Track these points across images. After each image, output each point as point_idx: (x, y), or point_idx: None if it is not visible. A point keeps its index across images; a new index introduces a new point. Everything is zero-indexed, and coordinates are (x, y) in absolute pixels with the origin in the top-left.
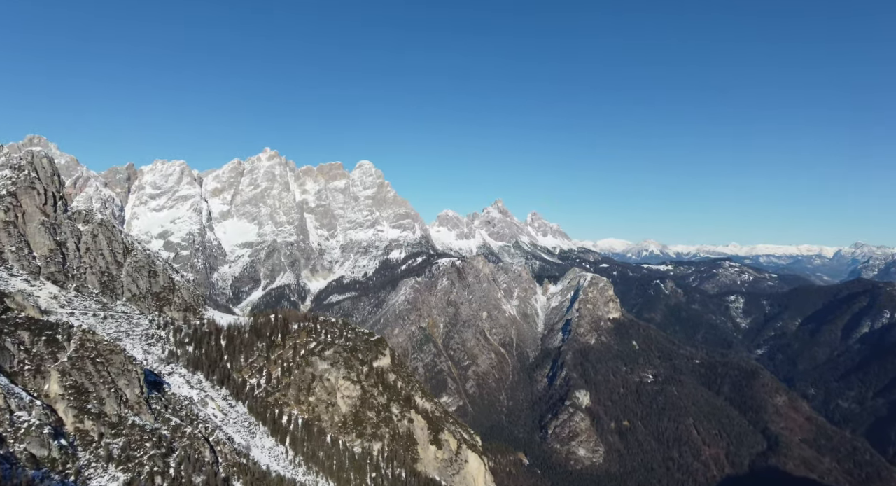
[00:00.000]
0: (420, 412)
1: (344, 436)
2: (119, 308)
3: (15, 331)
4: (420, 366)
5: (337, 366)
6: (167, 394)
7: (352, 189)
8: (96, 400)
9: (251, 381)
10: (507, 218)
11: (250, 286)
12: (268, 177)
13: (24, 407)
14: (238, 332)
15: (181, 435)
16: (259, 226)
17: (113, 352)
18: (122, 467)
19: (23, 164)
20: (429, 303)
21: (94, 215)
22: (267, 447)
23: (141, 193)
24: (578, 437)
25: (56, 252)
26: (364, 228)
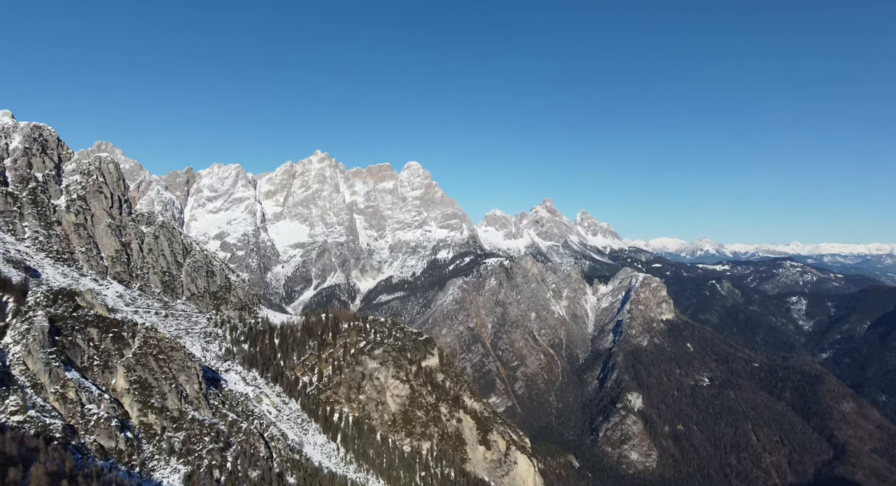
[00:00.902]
0: (469, 413)
1: (393, 435)
2: (179, 307)
3: (85, 328)
4: (468, 366)
5: (386, 365)
6: (224, 390)
7: (400, 190)
8: (159, 395)
9: (303, 379)
10: (555, 217)
11: (302, 286)
12: (318, 179)
13: (93, 400)
14: (291, 331)
15: (237, 430)
16: (310, 227)
17: (174, 349)
18: (183, 460)
19: (91, 169)
20: (477, 303)
21: (156, 218)
22: (319, 443)
23: (199, 195)
24: (631, 440)
25: (121, 253)
26: (412, 229)
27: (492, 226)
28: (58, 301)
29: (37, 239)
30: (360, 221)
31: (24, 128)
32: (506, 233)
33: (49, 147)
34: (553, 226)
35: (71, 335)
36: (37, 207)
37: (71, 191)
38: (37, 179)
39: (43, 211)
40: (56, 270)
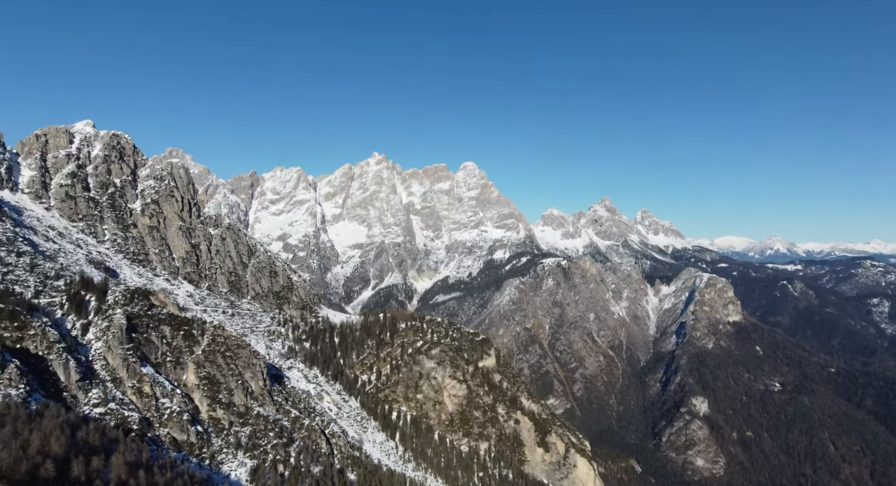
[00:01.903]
0: (526, 414)
1: (451, 434)
2: (244, 306)
3: (158, 326)
4: (525, 367)
5: (443, 365)
6: (287, 387)
7: (456, 190)
8: (226, 391)
9: (362, 377)
10: (614, 216)
11: (361, 286)
12: (376, 180)
13: (166, 395)
14: (350, 330)
15: (300, 427)
16: (368, 228)
17: (240, 347)
18: (249, 454)
19: (164, 174)
20: (534, 303)
21: (223, 220)
22: (378, 441)
23: (262, 198)
24: (696, 446)
25: (191, 254)
26: (468, 229)
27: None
28: (134, 300)
29: (115, 241)
30: (417, 221)
31: (103, 136)
32: (563, 233)
33: (126, 154)
34: (612, 225)
35: (146, 333)
36: (115, 211)
37: (145, 195)
38: (115, 184)
39: (120, 215)
40: (132, 270)
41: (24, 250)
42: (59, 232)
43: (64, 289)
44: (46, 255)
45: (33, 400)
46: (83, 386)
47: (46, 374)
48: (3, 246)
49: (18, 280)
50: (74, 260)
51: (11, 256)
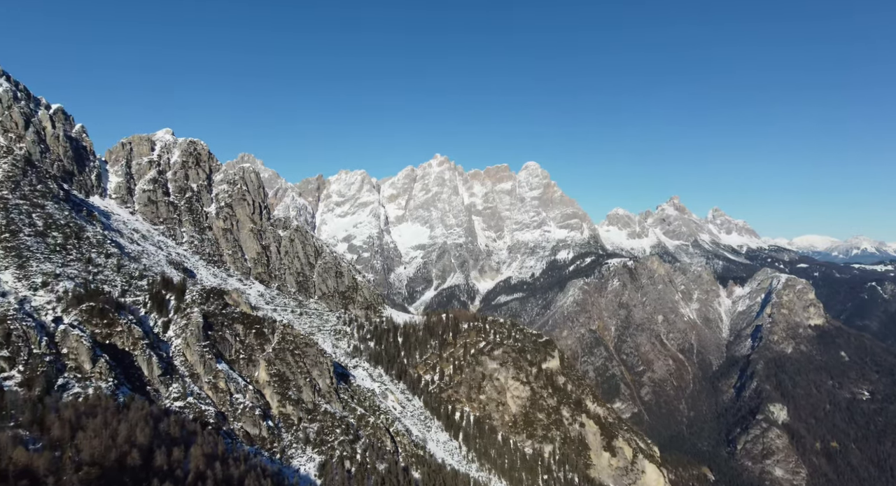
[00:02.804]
0: (592, 417)
1: (514, 436)
2: (312, 306)
3: (232, 324)
4: (590, 370)
5: (506, 366)
6: (353, 385)
7: (518, 190)
8: (295, 388)
9: (425, 377)
10: (684, 215)
11: (423, 286)
12: (438, 182)
13: (240, 391)
14: (413, 330)
15: (365, 424)
16: (430, 229)
17: (308, 345)
18: (318, 449)
19: (236, 179)
20: (598, 305)
21: (291, 222)
22: (441, 441)
23: (328, 200)
24: (774, 455)
25: (262, 255)
26: (530, 229)
27: (614, 225)
28: (210, 299)
29: (192, 243)
30: (479, 222)
31: (181, 143)
32: (629, 232)
33: (202, 160)
34: (681, 224)
35: (221, 330)
36: (192, 214)
37: (219, 199)
38: (192, 189)
39: (197, 218)
40: (208, 270)
41: (111, 251)
42: (142, 235)
43: (147, 288)
44: (131, 256)
45: (121, 393)
46: (164, 381)
47: (132, 368)
48: (93, 248)
49: (107, 280)
50: (156, 261)
51: (101, 257)
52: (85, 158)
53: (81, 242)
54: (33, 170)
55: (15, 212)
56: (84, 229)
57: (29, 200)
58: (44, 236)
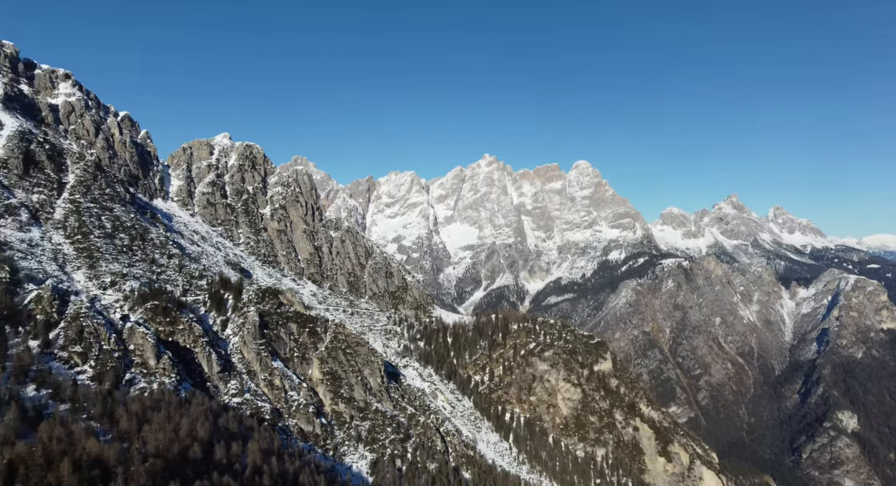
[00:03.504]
0: (646, 421)
1: (566, 438)
2: (363, 305)
3: (286, 323)
4: (644, 372)
5: (556, 368)
6: (403, 385)
7: (568, 190)
8: (347, 386)
9: (475, 377)
10: (742, 214)
11: (472, 287)
12: (487, 182)
13: (294, 388)
14: (462, 330)
15: (416, 423)
16: (479, 229)
17: (359, 344)
18: (369, 447)
19: (290, 181)
20: (652, 306)
21: (342, 223)
22: (492, 441)
23: (378, 202)
24: (844, 465)
25: (314, 256)
26: (581, 229)
27: (668, 225)
28: (265, 299)
29: (248, 244)
30: (528, 222)
31: (238, 147)
32: (684, 232)
33: (257, 163)
34: (740, 223)
35: (276, 329)
36: (248, 216)
37: (274, 201)
38: (248, 191)
39: (253, 219)
40: (263, 271)
41: (173, 252)
42: (201, 236)
43: (206, 288)
44: (192, 257)
45: (183, 388)
46: (223, 377)
47: (193, 365)
48: (157, 249)
49: (169, 280)
50: (215, 262)
51: (164, 257)
52: (149, 162)
53: (146, 243)
54: (102, 174)
55: (86, 215)
56: (148, 231)
57: (99, 203)
58: (112, 238)
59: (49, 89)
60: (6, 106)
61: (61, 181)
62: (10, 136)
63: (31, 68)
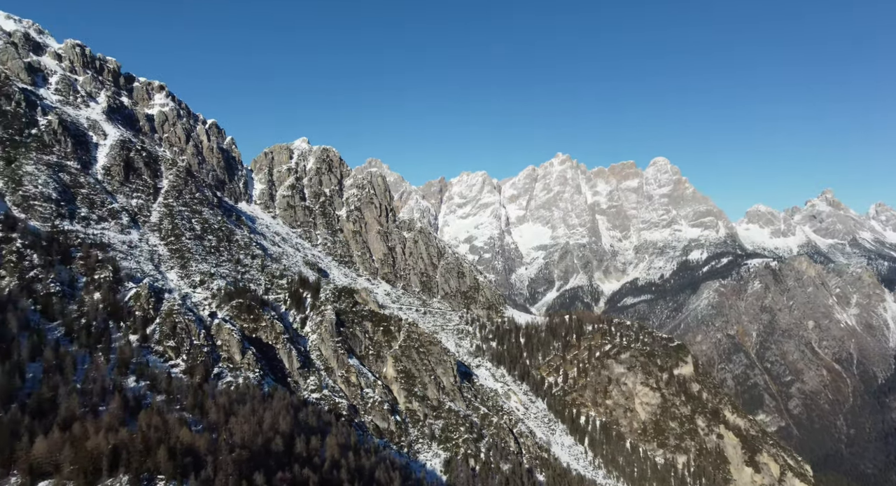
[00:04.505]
0: (731, 428)
1: (644, 444)
2: (435, 305)
3: (362, 322)
4: (728, 378)
5: (634, 371)
6: (475, 385)
7: (645, 188)
8: (420, 385)
9: (549, 379)
10: (838, 211)
11: (545, 287)
12: (560, 181)
13: (369, 385)
14: (535, 331)
15: (489, 424)
16: (552, 229)
17: (432, 343)
18: (443, 446)
19: (364, 183)
20: (737, 308)
21: (415, 224)
22: (566, 445)
23: (450, 202)
24: None
25: (388, 256)
26: (659, 228)
27: (754, 223)
28: (341, 298)
29: (325, 245)
30: (603, 221)
31: (315, 151)
32: (772, 230)
33: (334, 166)
34: (835, 221)
35: (352, 327)
36: (325, 217)
37: (350, 203)
38: (325, 193)
39: (329, 221)
40: (339, 271)
41: (256, 253)
42: (282, 237)
43: (286, 287)
44: (273, 257)
45: (266, 383)
46: (303, 373)
47: (274, 361)
48: (241, 250)
49: (252, 279)
50: (294, 262)
51: (248, 258)
52: (234, 167)
53: (232, 244)
54: (192, 179)
55: (178, 218)
56: (234, 233)
57: (189, 206)
58: (201, 239)
59: (146, 100)
60: (109, 117)
61: (156, 186)
62: (112, 145)
63: (131, 81)
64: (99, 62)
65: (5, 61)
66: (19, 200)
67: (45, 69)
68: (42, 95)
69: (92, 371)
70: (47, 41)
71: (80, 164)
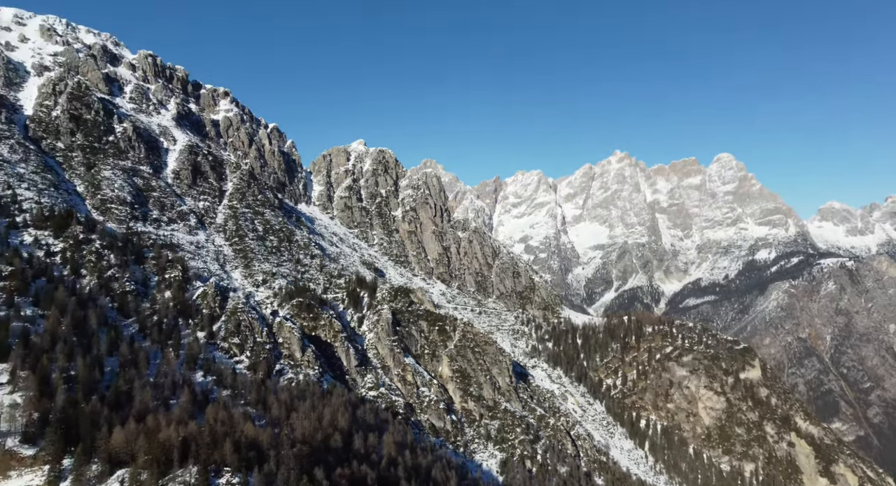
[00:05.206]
0: (803, 436)
1: (708, 450)
2: (490, 305)
3: (417, 321)
4: (800, 383)
5: (697, 374)
6: (531, 385)
7: (708, 185)
8: (476, 384)
9: (607, 381)
10: None
11: (602, 287)
12: (617, 179)
13: (425, 384)
14: (592, 332)
15: (545, 425)
16: (610, 228)
17: (487, 343)
18: (499, 446)
19: (419, 184)
20: (809, 311)
21: (470, 224)
22: (626, 448)
23: (505, 202)
24: None
25: (443, 256)
26: (723, 227)
27: (828, 221)
28: (397, 297)
29: (382, 245)
30: (663, 220)
31: (372, 153)
32: (848, 228)
33: (389, 167)
34: None
35: (407, 326)
36: (381, 218)
37: (405, 203)
38: (381, 194)
39: (385, 221)
40: (395, 270)
41: (315, 253)
42: (339, 237)
43: (344, 286)
44: (331, 257)
45: (325, 380)
46: (360, 371)
47: (333, 358)
48: (301, 250)
49: (312, 279)
50: (351, 262)
51: (307, 258)
52: (294, 169)
53: (292, 244)
54: (255, 182)
55: (242, 219)
56: (294, 234)
57: (252, 208)
58: (263, 240)
59: (211, 106)
60: (178, 123)
61: (221, 189)
62: (181, 150)
63: (198, 88)
64: (169, 71)
65: (86, 73)
66: (98, 204)
67: (120, 79)
68: (118, 103)
69: (163, 366)
70: (122, 52)
71: (152, 168)
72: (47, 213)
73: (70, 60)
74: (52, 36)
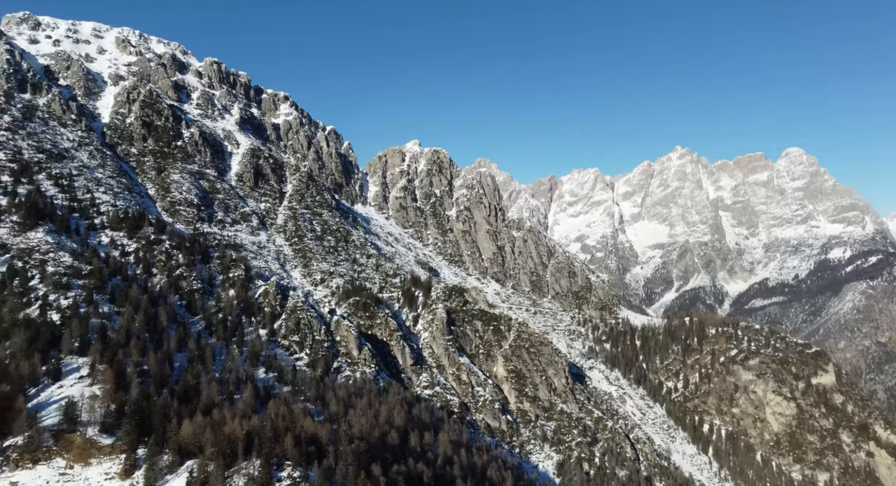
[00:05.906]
0: (883, 446)
1: (777, 458)
2: (545, 305)
3: (472, 320)
4: (880, 390)
5: (764, 378)
6: (588, 387)
7: (776, 181)
8: (531, 385)
9: (667, 384)
10: None
11: (662, 288)
12: (678, 176)
13: (480, 384)
14: (652, 333)
15: (603, 428)
16: (670, 227)
17: (543, 344)
18: (555, 448)
19: (473, 183)
20: (889, 313)
21: (524, 223)
22: (688, 453)
23: (560, 201)
24: None
25: (497, 255)
26: (792, 225)
27: None
28: (452, 296)
29: (436, 244)
30: (727, 218)
31: (426, 153)
32: None
33: (444, 167)
34: None
35: (462, 326)
36: (436, 218)
37: (459, 203)
38: (435, 194)
39: (440, 221)
40: (450, 270)
41: (371, 253)
42: (395, 237)
43: (399, 285)
44: (386, 257)
45: (381, 378)
46: (415, 370)
47: (388, 357)
48: (357, 250)
49: (368, 278)
50: (406, 261)
51: (363, 257)
52: (351, 171)
53: (349, 244)
54: (313, 183)
55: (301, 220)
56: (350, 234)
57: (310, 209)
58: (321, 240)
59: (272, 111)
60: (241, 127)
61: (282, 191)
62: (244, 153)
63: (259, 94)
64: (232, 77)
65: (156, 81)
66: (167, 206)
67: (188, 86)
68: (185, 109)
69: (228, 362)
70: (190, 60)
71: (217, 171)
72: (122, 215)
73: (142, 69)
74: (127, 47)
